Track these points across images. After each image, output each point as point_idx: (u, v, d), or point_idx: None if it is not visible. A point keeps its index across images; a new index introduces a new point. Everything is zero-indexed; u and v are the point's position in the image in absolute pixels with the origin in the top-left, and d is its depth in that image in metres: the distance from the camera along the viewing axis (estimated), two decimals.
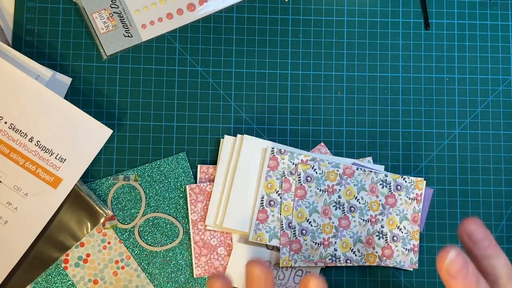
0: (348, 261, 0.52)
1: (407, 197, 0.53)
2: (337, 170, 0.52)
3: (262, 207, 0.51)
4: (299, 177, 0.51)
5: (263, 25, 0.55)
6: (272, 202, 0.51)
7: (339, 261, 0.52)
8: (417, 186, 0.53)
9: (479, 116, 0.56)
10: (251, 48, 0.55)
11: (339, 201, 0.52)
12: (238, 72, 0.55)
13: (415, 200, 0.53)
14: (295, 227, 0.51)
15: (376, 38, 0.56)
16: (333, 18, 0.56)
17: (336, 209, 0.52)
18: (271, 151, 0.51)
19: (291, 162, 0.51)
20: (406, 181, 0.53)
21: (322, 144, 0.54)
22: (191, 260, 0.52)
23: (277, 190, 0.51)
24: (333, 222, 0.52)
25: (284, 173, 0.52)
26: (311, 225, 0.52)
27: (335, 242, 0.52)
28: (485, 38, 0.57)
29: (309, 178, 0.51)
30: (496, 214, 0.55)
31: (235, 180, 0.52)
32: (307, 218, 0.51)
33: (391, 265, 0.52)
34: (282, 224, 0.51)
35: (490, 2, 0.57)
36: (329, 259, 0.52)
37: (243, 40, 0.55)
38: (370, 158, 0.55)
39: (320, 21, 0.56)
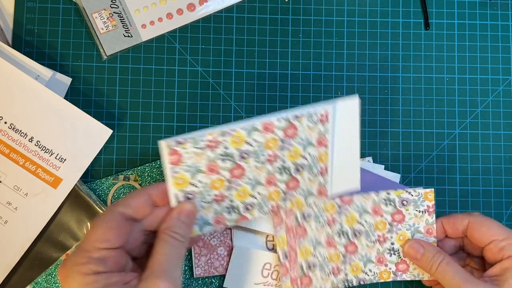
0: (361, 282, 0.52)
1: (417, 210, 0.51)
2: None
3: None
4: (296, 217, 0.50)
5: (263, 25, 0.55)
6: (189, 195, 0.45)
7: (352, 284, 0.52)
8: (427, 198, 0.51)
9: (479, 116, 0.56)
10: (251, 48, 0.55)
11: (342, 230, 0.51)
12: (238, 72, 0.55)
13: (426, 213, 0.51)
14: (301, 264, 0.51)
15: (376, 38, 0.56)
16: (333, 18, 0.56)
17: (340, 238, 0.51)
18: (167, 145, 0.43)
19: (197, 148, 0.44)
20: (412, 195, 0.51)
21: None
22: (191, 260, 0.52)
23: (190, 181, 0.44)
24: (339, 251, 0.51)
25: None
26: (318, 259, 0.51)
27: (345, 268, 0.51)
28: (485, 38, 0.57)
29: (307, 217, 0.50)
30: (496, 214, 0.55)
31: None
32: (312, 253, 0.51)
33: (408, 279, 0.52)
34: (279, 256, 0.51)
35: (490, 2, 0.57)
36: (342, 285, 0.51)
37: (243, 40, 0.55)
38: (370, 158, 0.55)
39: (320, 21, 0.56)
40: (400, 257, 0.52)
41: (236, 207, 0.47)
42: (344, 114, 0.48)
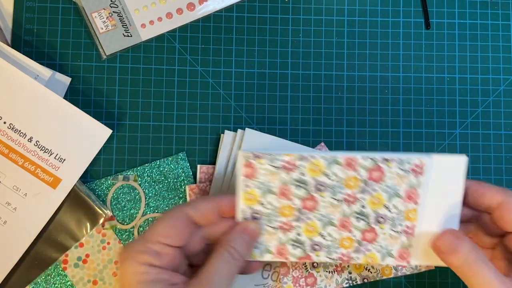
0: (365, 279, 0.52)
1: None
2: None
3: None
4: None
5: (263, 24, 0.55)
6: (256, 215, 0.43)
7: (356, 281, 0.51)
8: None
9: (480, 116, 0.56)
10: (251, 48, 0.55)
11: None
12: (238, 72, 0.55)
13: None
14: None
15: (376, 37, 0.56)
16: (333, 17, 0.56)
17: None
18: (244, 156, 0.42)
19: (272, 166, 0.42)
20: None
21: (322, 144, 0.54)
22: None
23: (260, 200, 0.43)
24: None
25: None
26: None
27: (349, 266, 0.48)
28: (486, 37, 0.57)
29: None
30: None
31: (235, 173, 0.51)
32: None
33: (408, 272, 0.52)
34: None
35: (491, 2, 0.57)
36: (346, 283, 0.51)
37: (243, 40, 0.55)
38: None
39: (320, 20, 0.56)
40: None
41: (302, 243, 0.43)
42: (445, 173, 0.43)
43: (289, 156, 0.42)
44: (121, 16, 0.53)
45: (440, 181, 0.43)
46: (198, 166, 0.53)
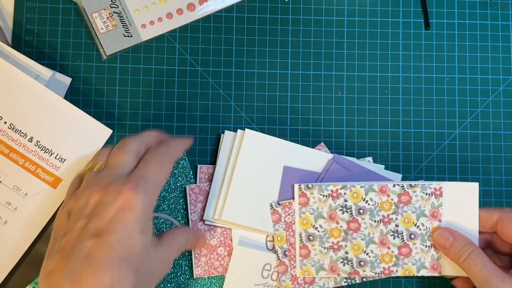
0: (364, 279, 0.52)
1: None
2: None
3: (302, 243, 0.50)
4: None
5: (263, 25, 0.55)
6: (311, 237, 0.50)
7: (354, 280, 0.52)
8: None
9: (479, 116, 0.56)
10: (251, 48, 0.55)
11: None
12: (238, 72, 0.55)
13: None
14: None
15: (376, 38, 0.56)
16: (333, 18, 0.56)
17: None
18: (299, 188, 0.50)
19: (321, 194, 0.50)
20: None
21: (322, 144, 0.54)
22: (191, 260, 0.52)
23: (313, 224, 0.50)
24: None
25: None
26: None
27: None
28: (486, 38, 0.57)
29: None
30: None
31: (235, 173, 0.52)
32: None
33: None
34: (278, 254, 0.51)
35: (491, 2, 0.57)
36: (344, 282, 0.51)
37: (243, 40, 0.55)
38: (370, 158, 0.54)
39: (320, 20, 0.56)
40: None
41: (350, 260, 0.50)
42: (462, 197, 0.50)
43: (334, 186, 0.50)
44: (122, 16, 0.53)
45: (458, 203, 0.50)
46: (198, 166, 0.53)
